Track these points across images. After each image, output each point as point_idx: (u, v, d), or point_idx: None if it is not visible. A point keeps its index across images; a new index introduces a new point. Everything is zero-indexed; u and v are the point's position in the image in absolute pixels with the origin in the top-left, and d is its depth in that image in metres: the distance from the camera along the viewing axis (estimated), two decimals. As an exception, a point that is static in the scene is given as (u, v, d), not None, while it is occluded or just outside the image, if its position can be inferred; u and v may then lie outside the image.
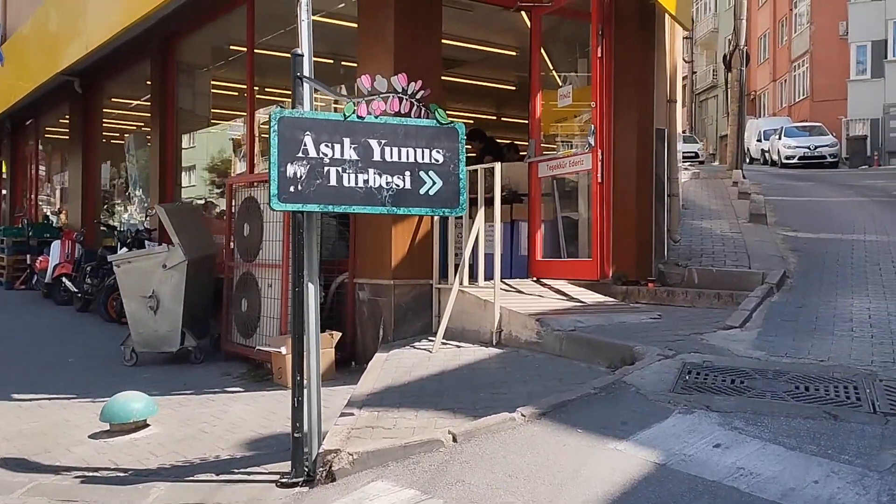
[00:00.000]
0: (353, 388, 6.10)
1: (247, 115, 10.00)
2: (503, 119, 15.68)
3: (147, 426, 5.52)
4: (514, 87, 13.94)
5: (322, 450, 4.20)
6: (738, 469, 3.54)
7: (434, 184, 4.60)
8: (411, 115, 4.62)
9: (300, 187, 4.35)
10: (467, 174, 5.20)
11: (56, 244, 12.86)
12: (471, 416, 4.59)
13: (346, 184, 4.44)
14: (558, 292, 7.30)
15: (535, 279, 7.75)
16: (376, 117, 4.52)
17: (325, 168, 4.41)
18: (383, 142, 4.52)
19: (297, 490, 4.13)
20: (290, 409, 4.30)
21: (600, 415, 4.27)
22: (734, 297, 7.13)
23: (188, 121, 11.95)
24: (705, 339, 5.75)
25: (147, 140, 12.46)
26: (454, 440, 4.14)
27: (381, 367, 6.08)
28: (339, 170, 4.43)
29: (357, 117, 4.48)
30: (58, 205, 17.79)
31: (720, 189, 14.79)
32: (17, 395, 6.70)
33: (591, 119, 7.15)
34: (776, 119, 36.58)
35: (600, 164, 6.94)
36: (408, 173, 4.55)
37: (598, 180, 6.95)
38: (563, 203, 8.54)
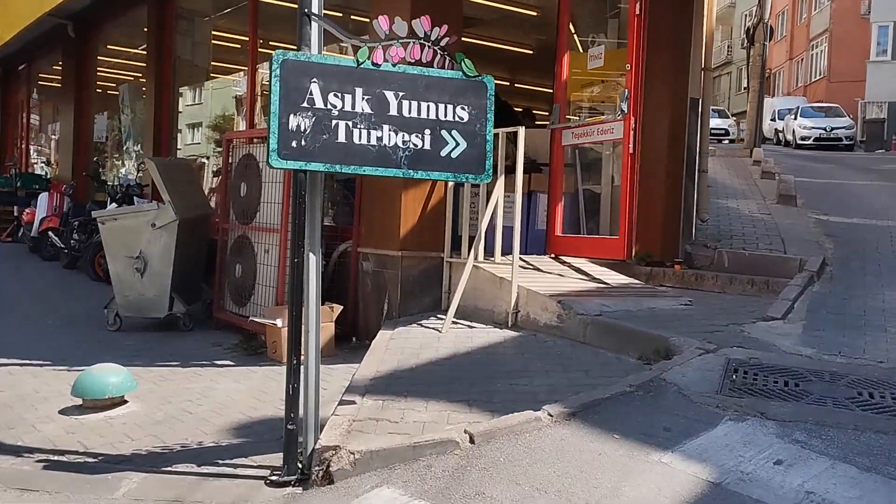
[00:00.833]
0: (354, 367, 5.57)
1: (248, 69, 9.36)
2: (517, 85, 15.01)
3: (125, 403, 4.98)
4: (531, 52, 13.26)
5: (319, 445, 3.65)
6: (808, 494, 3.00)
7: (457, 145, 4.00)
8: (434, 64, 4.01)
9: (304, 142, 3.75)
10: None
11: (44, 196, 12.26)
12: (488, 410, 4.05)
13: (356, 140, 3.84)
14: (579, 271, 6.73)
15: (553, 256, 7.18)
16: (394, 65, 3.90)
17: (334, 122, 3.80)
18: (401, 94, 3.92)
19: (288, 491, 3.59)
20: (283, 388, 3.75)
21: (639, 418, 3.72)
22: (769, 284, 6.57)
23: (186, 72, 11.29)
24: (746, 331, 5.20)
25: (143, 91, 11.81)
26: (471, 441, 3.59)
27: (386, 347, 5.52)
28: (350, 124, 3.83)
29: (372, 64, 3.87)
30: (52, 155, 17.16)
31: (741, 168, 14.17)
32: (-13, 359, 6.16)
33: (624, 84, 6.53)
34: (791, 98, 35.77)
35: (633, 132, 6.33)
36: (428, 132, 3.95)
37: (630, 151, 6.35)
38: (584, 175, 7.96)
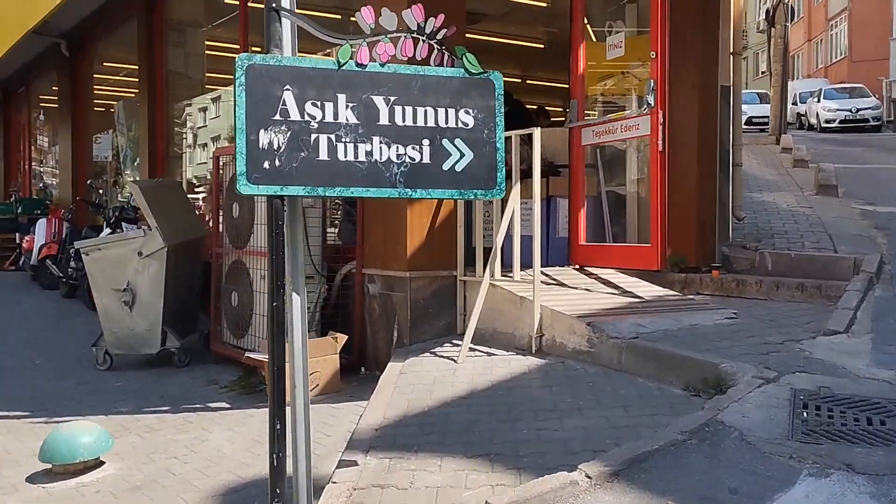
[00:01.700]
0: (361, 406, 4.97)
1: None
2: (528, 82, 14.36)
3: (101, 465, 4.38)
4: (541, 46, 12.62)
5: (312, 528, 3.03)
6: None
7: (462, 156, 3.37)
8: (430, 61, 3.38)
9: (278, 163, 3.14)
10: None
11: (42, 222, 11.76)
12: (513, 468, 3.41)
13: (341, 157, 3.22)
14: (607, 284, 6.07)
15: (577, 267, 6.53)
16: (382, 65, 3.28)
17: (313, 136, 3.19)
18: (392, 99, 3.29)
19: (275, 585, 2.97)
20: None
21: (697, 476, 3.07)
22: (821, 288, 5.89)
23: (180, 85, 10.73)
24: (805, 348, 4.53)
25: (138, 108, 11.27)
26: (494, 517, 2.96)
27: (395, 385, 4.90)
28: (333, 138, 3.21)
29: (356, 65, 3.25)
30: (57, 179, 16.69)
31: (769, 156, 13.41)
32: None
33: (649, 73, 5.86)
34: (812, 81, 34.80)
35: (661, 127, 5.66)
36: (426, 142, 3.32)
37: (659, 148, 5.68)
38: (606, 176, 7.30)
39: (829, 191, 8.99)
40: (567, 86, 12.77)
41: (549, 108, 11.63)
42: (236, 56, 3.19)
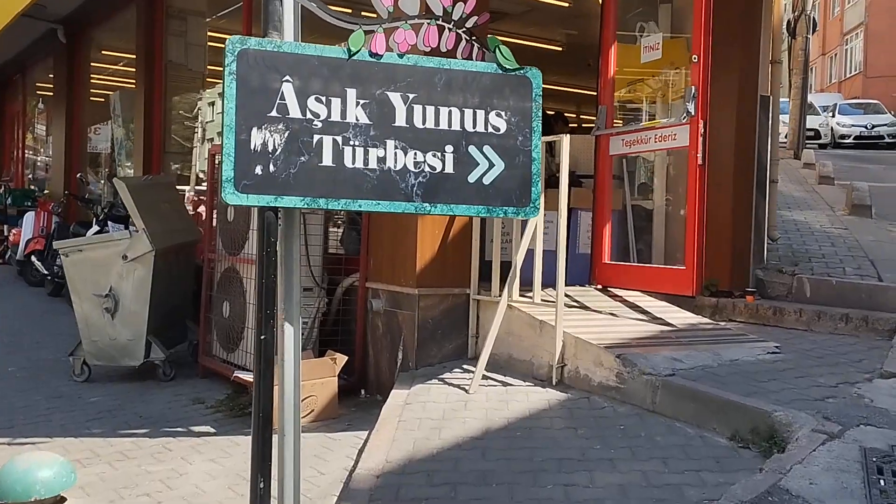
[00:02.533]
0: (360, 436, 4.45)
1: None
2: (544, 86, 13.80)
3: (63, 502, 3.85)
4: (560, 48, 12.10)
5: None
6: None
7: (491, 166, 2.86)
8: (457, 53, 2.87)
9: (273, 168, 2.63)
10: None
11: (30, 216, 11.23)
12: (539, 538, 2.88)
13: (348, 163, 2.71)
14: (634, 308, 5.54)
15: (600, 287, 6.00)
16: (401, 55, 2.77)
17: (316, 137, 2.68)
18: (412, 96, 2.78)
19: None
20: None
21: (765, 565, 2.54)
22: (868, 320, 5.36)
23: (180, 77, 10.21)
24: (863, 394, 4.00)
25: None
26: None
27: (399, 417, 4.37)
28: (339, 140, 2.70)
29: (370, 55, 2.74)
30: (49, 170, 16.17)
31: (790, 172, 12.86)
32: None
33: (689, 79, 5.33)
34: (827, 95, 34.27)
35: (702, 139, 5.14)
36: (450, 149, 2.81)
37: (699, 161, 5.15)
38: (631, 188, 6.79)
39: (862, 211, 8.47)
40: (583, 91, 12.21)
41: (566, 114, 11.14)
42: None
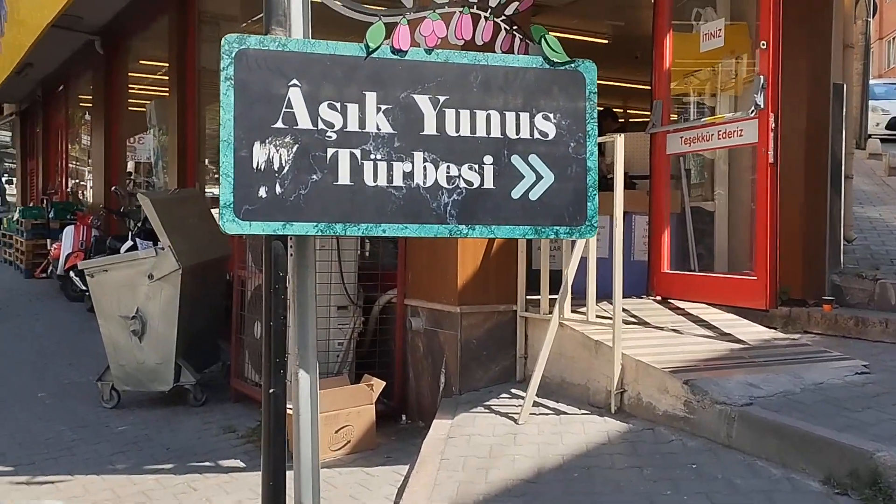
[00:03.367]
0: (400, 471, 4.06)
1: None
2: (590, 81, 13.25)
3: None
4: (606, 40, 11.54)
5: None
6: None
7: (539, 179, 2.42)
8: (496, 47, 2.43)
9: (280, 189, 2.23)
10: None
11: (69, 230, 11.08)
12: None
13: (369, 181, 2.29)
14: (699, 322, 5.03)
15: (659, 299, 5.49)
16: (429, 51, 2.35)
17: (330, 151, 2.27)
18: (443, 99, 2.36)
19: None
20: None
21: None
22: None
23: (214, 84, 9.92)
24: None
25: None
26: None
27: (441, 454, 3.94)
28: (357, 154, 2.29)
29: (392, 52, 2.32)
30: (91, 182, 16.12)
31: (857, 163, 12.10)
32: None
33: (757, 69, 4.80)
34: (885, 82, 32.92)
35: (773, 133, 4.61)
36: (489, 159, 2.38)
37: (770, 159, 4.63)
38: (690, 189, 6.26)
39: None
40: (631, 84, 11.63)
41: (615, 109, 10.63)
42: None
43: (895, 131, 20.10)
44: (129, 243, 8.21)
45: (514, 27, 2.45)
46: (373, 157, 2.28)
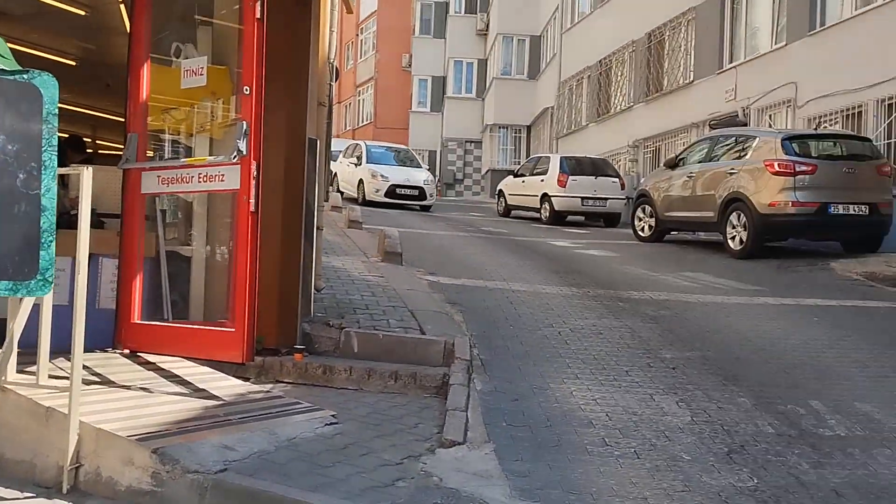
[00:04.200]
0: None
1: None
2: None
3: None
4: (73, 62, 10.54)
5: None
6: None
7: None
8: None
9: None
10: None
11: None
12: None
13: None
14: (171, 378, 4.64)
15: (129, 353, 4.96)
16: None
17: None
18: None
19: None
20: None
21: None
22: (416, 377, 5.26)
23: None
24: (431, 470, 3.73)
25: None
26: None
27: None
28: None
29: None
30: None
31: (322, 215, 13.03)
32: None
33: (240, 113, 4.67)
34: (342, 141, 36.66)
35: (255, 182, 4.50)
36: None
37: (251, 207, 4.51)
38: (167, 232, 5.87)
39: (394, 258, 8.70)
40: (101, 114, 10.80)
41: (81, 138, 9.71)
42: None
43: (394, 199, 20.02)
44: None
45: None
46: None
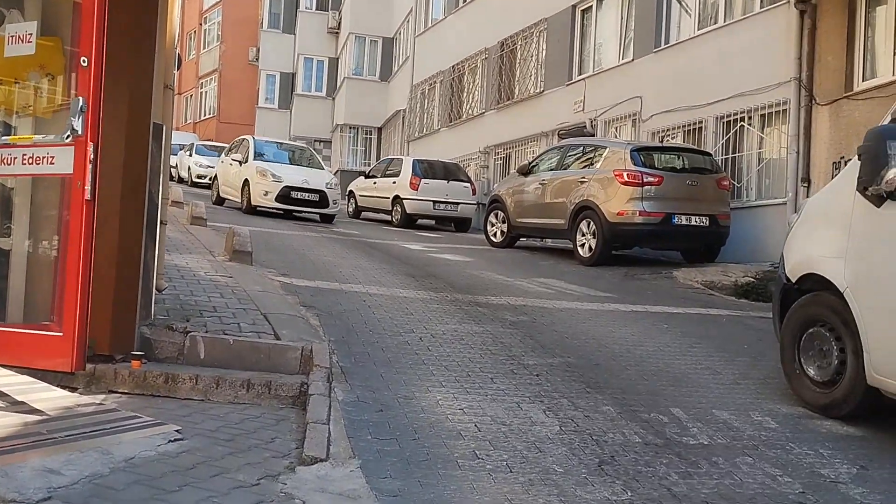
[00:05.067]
0: None
1: None
2: None
3: None
4: None
5: None
6: None
7: None
8: None
9: None
10: None
11: None
12: None
13: None
14: (-16, 389, 4.01)
15: (-72, 360, 4.25)
16: None
17: None
18: None
19: None
20: None
21: None
22: (271, 385, 4.87)
23: None
24: (292, 491, 3.39)
25: None
26: None
27: None
28: None
29: None
30: None
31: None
32: None
33: (76, 89, 4.09)
34: (183, 134, 34.97)
35: (91, 166, 3.95)
36: None
37: (87, 195, 3.95)
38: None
39: (244, 258, 8.15)
40: None
41: None
42: None
43: (288, 205, 16.30)
44: None
45: None
46: None
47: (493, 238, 14.00)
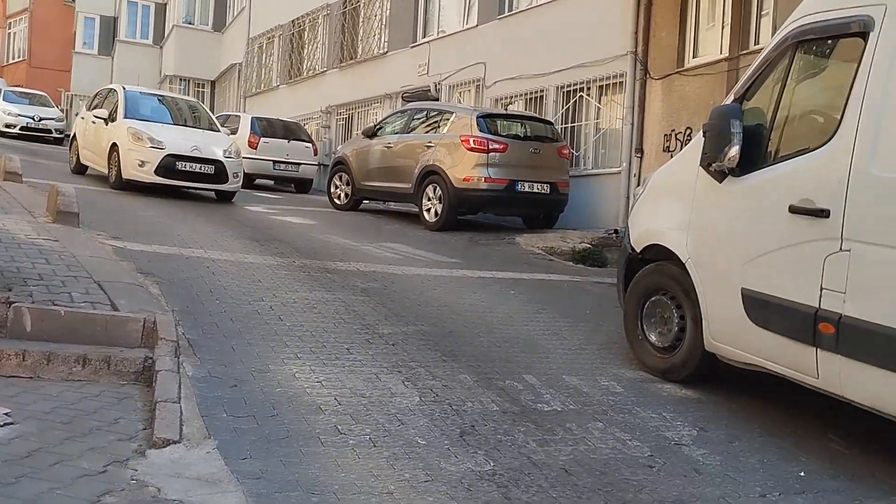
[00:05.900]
0: None
1: None
2: None
3: None
4: None
5: None
6: None
7: None
8: None
9: None
10: None
11: None
12: None
13: None
14: None
15: None
16: None
17: None
18: None
19: None
20: None
21: None
22: (110, 361, 4.53)
23: None
24: (143, 478, 3.17)
25: None
26: None
27: None
28: None
29: None
30: None
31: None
32: None
33: None
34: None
35: None
36: None
37: None
38: None
39: (70, 219, 7.47)
40: None
41: None
42: None
43: (173, 179, 12.09)
44: None
45: None
46: None
47: (336, 200, 13.75)
